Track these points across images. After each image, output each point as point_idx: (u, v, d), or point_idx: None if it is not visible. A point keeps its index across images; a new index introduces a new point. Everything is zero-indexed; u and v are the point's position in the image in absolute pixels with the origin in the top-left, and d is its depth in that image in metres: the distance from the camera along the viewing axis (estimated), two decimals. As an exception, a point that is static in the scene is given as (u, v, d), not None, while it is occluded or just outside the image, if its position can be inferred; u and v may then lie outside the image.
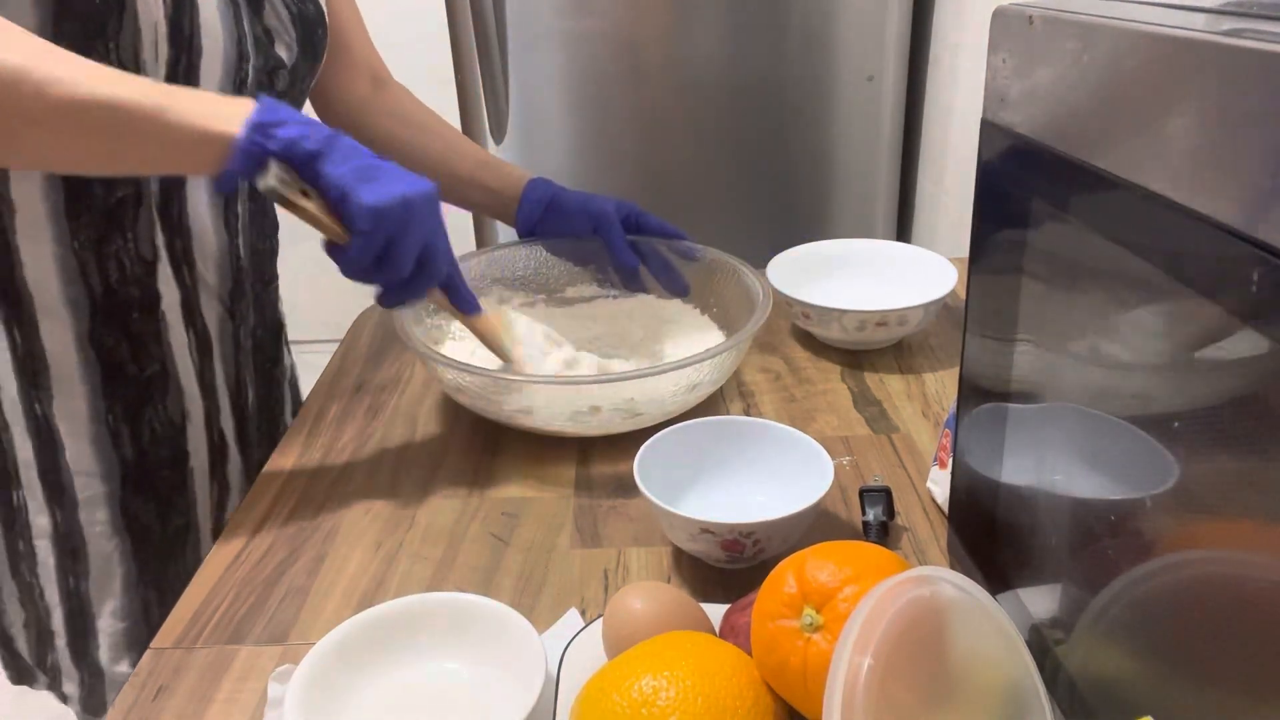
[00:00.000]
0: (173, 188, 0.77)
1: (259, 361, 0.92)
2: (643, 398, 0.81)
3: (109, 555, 0.81)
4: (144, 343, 0.79)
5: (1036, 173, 0.48)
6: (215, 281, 0.83)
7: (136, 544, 0.82)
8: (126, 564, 0.82)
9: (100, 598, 0.82)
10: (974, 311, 0.57)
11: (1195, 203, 0.34)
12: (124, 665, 0.83)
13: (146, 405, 0.81)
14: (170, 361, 0.81)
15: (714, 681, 0.48)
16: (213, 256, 0.82)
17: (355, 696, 0.57)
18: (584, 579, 0.69)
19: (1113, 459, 0.44)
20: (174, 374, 0.81)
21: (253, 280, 0.88)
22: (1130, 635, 0.43)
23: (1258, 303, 0.31)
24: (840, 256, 1.07)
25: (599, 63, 1.69)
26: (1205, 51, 0.33)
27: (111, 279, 0.76)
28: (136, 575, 0.83)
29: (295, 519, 0.77)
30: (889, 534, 0.71)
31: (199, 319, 0.83)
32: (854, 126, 1.73)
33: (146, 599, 0.83)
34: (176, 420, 0.82)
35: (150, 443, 0.81)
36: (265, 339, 0.93)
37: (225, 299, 0.85)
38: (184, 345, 0.82)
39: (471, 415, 0.88)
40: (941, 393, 0.90)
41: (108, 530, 0.81)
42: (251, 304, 0.89)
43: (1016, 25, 0.48)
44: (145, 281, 0.78)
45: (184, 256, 0.80)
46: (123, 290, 0.77)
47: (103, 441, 0.79)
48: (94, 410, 0.78)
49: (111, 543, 0.81)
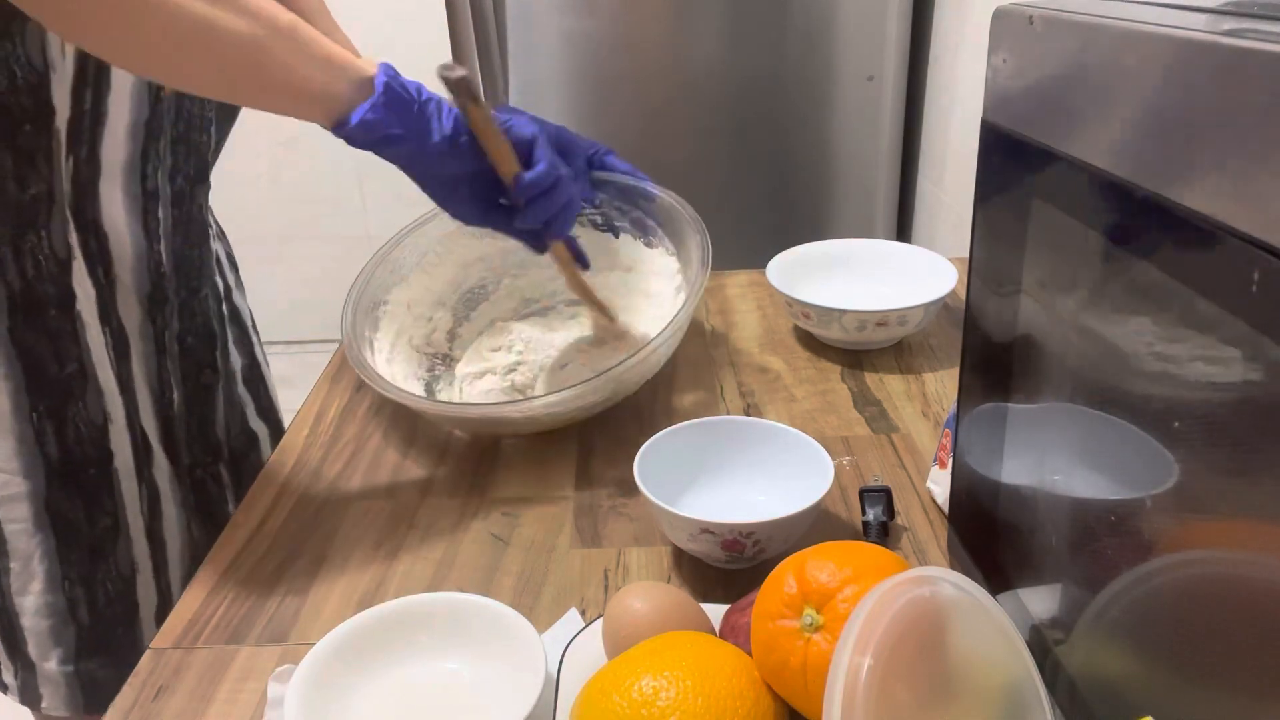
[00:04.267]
0: (85, 188, 0.77)
1: (187, 366, 0.91)
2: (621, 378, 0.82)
3: (30, 553, 0.81)
4: (62, 341, 0.79)
5: (1036, 173, 0.48)
6: (133, 283, 0.83)
7: (61, 542, 0.81)
8: (49, 561, 0.81)
9: (22, 594, 0.82)
10: (974, 311, 0.57)
11: (1195, 203, 0.34)
12: (52, 662, 0.83)
13: (69, 404, 0.80)
14: (88, 361, 0.80)
15: (714, 681, 0.48)
16: (129, 259, 0.82)
17: (355, 696, 0.57)
18: (584, 579, 0.69)
19: (1113, 459, 0.44)
20: (92, 373, 0.81)
21: (176, 286, 0.87)
22: (1130, 635, 0.43)
23: (1258, 303, 0.31)
24: (840, 256, 1.07)
25: (599, 63, 1.69)
26: (1205, 51, 0.33)
27: (29, 275, 0.76)
28: (61, 573, 0.82)
29: (295, 519, 0.77)
30: (889, 534, 0.71)
31: (114, 318, 0.82)
32: (854, 126, 1.73)
33: (73, 597, 0.83)
34: (98, 420, 0.82)
35: (75, 441, 0.81)
36: (196, 345, 0.92)
37: (144, 301, 0.84)
38: (101, 345, 0.81)
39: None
40: (941, 393, 0.90)
41: (29, 528, 0.80)
42: (177, 310, 0.88)
43: (1016, 25, 0.48)
44: (60, 279, 0.77)
45: (99, 256, 0.79)
46: (39, 287, 0.76)
47: (26, 439, 0.79)
48: (17, 407, 0.78)
49: (33, 540, 0.80)
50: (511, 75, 1.68)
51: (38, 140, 0.72)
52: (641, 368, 0.82)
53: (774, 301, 1.09)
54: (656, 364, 0.85)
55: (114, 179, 0.78)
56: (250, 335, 1.01)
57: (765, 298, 1.11)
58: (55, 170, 0.74)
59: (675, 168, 1.74)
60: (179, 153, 0.84)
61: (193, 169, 0.86)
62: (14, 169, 0.72)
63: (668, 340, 0.81)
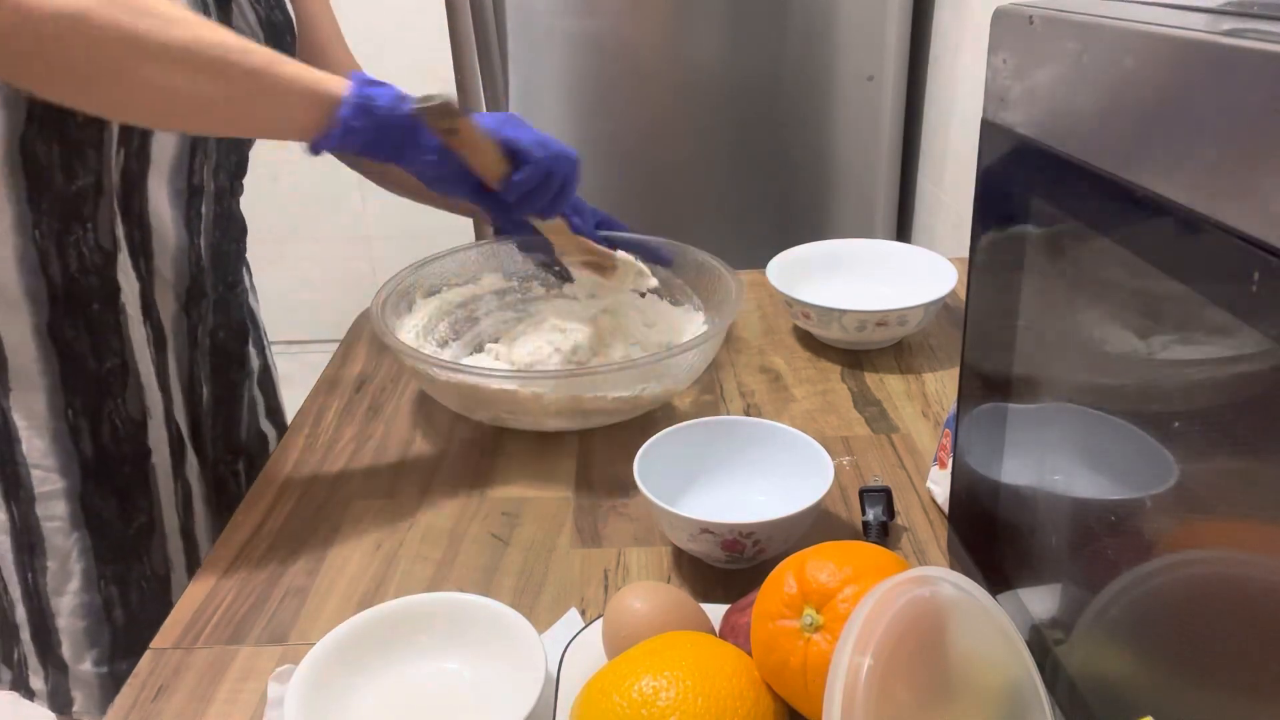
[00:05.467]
0: (134, 181, 0.77)
1: (218, 362, 0.91)
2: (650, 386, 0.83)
3: (67, 551, 0.81)
4: (104, 335, 0.79)
5: (1036, 173, 0.48)
6: (172, 277, 0.83)
7: (97, 540, 0.82)
8: (86, 560, 0.81)
9: (58, 594, 0.82)
10: (974, 311, 0.57)
11: (1195, 202, 0.34)
12: (86, 663, 0.83)
13: (107, 400, 0.80)
14: (130, 355, 0.81)
15: (714, 681, 0.48)
16: (170, 252, 0.82)
17: (355, 696, 0.57)
18: (584, 579, 0.69)
19: (1113, 459, 0.44)
20: (133, 368, 0.81)
21: (213, 281, 0.88)
22: (1130, 635, 0.43)
23: (1258, 303, 0.31)
24: (840, 256, 1.07)
25: (599, 63, 1.69)
26: (1205, 51, 0.33)
27: (72, 269, 0.76)
28: (97, 572, 0.82)
29: (295, 519, 0.77)
30: (889, 534, 0.71)
31: (154, 312, 0.82)
32: (854, 126, 1.73)
33: (108, 597, 0.83)
34: (137, 416, 0.82)
35: (111, 438, 0.81)
36: (227, 341, 0.92)
37: (181, 295, 0.85)
38: (143, 339, 0.81)
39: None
40: (941, 393, 0.90)
41: (66, 526, 0.80)
42: (213, 305, 0.89)
43: (1016, 25, 0.48)
44: (105, 272, 0.77)
45: (142, 248, 0.80)
46: (83, 280, 0.77)
47: (62, 436, 0.79)
48: (53, 405, 0.78)
49: (70, 539, 0.80)
50: (511, 75, 1.68)
51: (88, 132, 0.73)
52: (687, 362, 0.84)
53: (774, 301, 1.09)
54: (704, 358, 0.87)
55: (162, 173, 0.79)
56: (264, 337, 1.02)
57: (765, 298, 1.11)
58: (105, 162, 0.74)
59: (675, 168, 1.74)
60: (224, 148, 0.85)
61: (234, 165, 0.88)
62: (63, 160, 0.72)
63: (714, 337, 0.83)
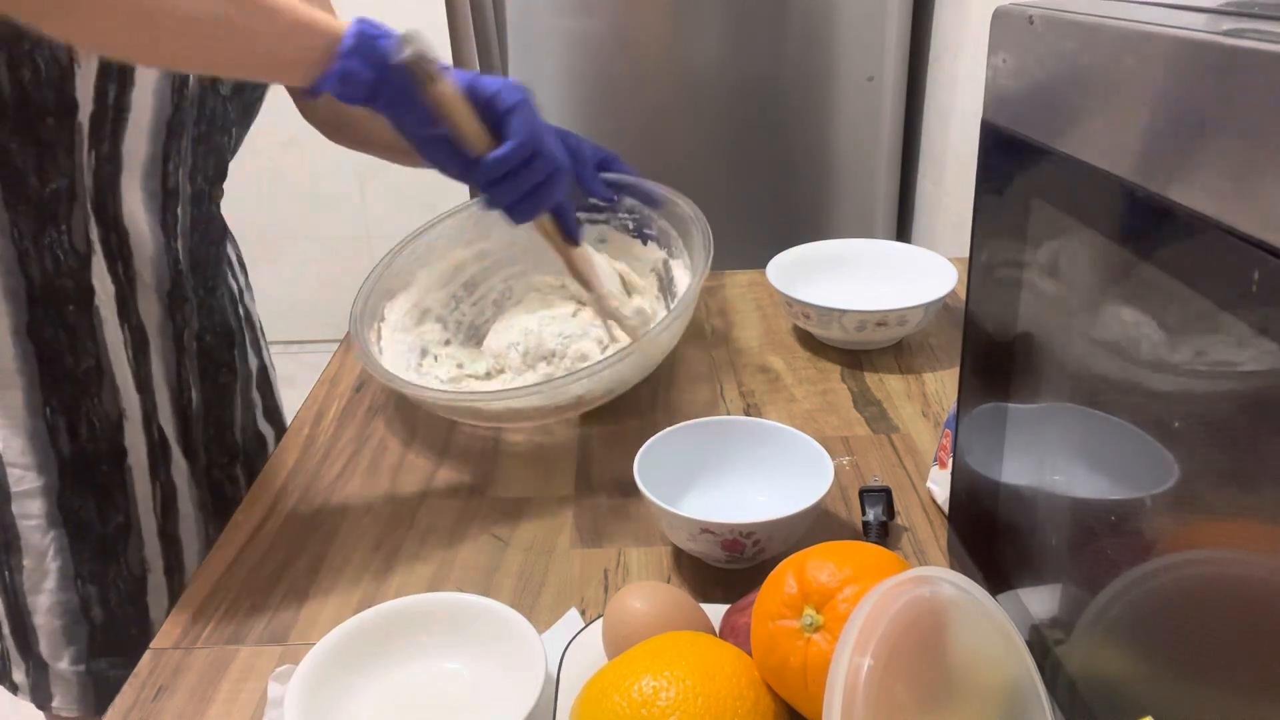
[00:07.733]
0: (107, 184, 0.77)
1: (205, 365, 0.91)
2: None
3: (44, 550, 0.81)
4: (79, 336, 0.79)
5: (1036, 173, 0.48)
6: (152, 281, 0.83)
7: (74, 539, 0.81)
8: (63, 559, 0.81)
9: (35, 592, 0.81)
10: (974, 311, 0.57)
11: (1195, 202, 0.34)
12: (64, 662, 0.83)
13: (84, 399, 0.80)
14: (104, 357, 0.80)
15: (714, 681, 0.48)
16: (149, 256, 0.82)
17: (355, 696, 0.57)
18: (584, 579, 0.69)
19: (1113, 459, 0.44)
20: (108, 370, 0.81)
21: (194, 285, 0.88)
22: (1130, 635, 0.43)
23: (1258, 302, 0.31)
24: (840, 256, 1.07)
25: (599, 63, 1.69)
26: (1205, 51, 0.33)
27: (48, 270, 0.76)
28: (74, 571, 0.82)
29: (295, 519, 0.77)
30: (889, 534, 0.71)
31: (134, 315, 0.82)
32: (854, 126, 1.73)
33: (86, 596, 0.83)
34: (113, 416, 0.82)
35: (89, 438, 0.81)
36: (214, 345, 0.92)
37: (164, 299, 0.84)
38: (119, 341, 0.81)
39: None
40: (941, 393, 0.90)
41: (43, 524, 0.80)
42: (196, 309, 0.88)
43: (1016, 25, 0.48)
44: (79, 274, 0.77)
45: (119, 251, 0.79)
46: (59, 282, 0.76)
47: (40, 435, 0.79)
48: (31, 403, 0.78)
49: (47, 537, 0.80)
50: (511, 75, 1.68)
51: (59, 134, 0.72)
52: (644, 359, 0.82)
53: (774, 301, 1.09)
54: (660, 353, 0.85)
55: (135, 175, 0.78)
56: (260, 338, 1.02)
57: (765, 298, 1.11)
58: (77, 165, 0.74)
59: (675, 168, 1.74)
60: (200, 152, 0.84)
61: (212, 169, 0.87)
62: (35, 163, 0.72)
63: (670, 326, 0.81)
